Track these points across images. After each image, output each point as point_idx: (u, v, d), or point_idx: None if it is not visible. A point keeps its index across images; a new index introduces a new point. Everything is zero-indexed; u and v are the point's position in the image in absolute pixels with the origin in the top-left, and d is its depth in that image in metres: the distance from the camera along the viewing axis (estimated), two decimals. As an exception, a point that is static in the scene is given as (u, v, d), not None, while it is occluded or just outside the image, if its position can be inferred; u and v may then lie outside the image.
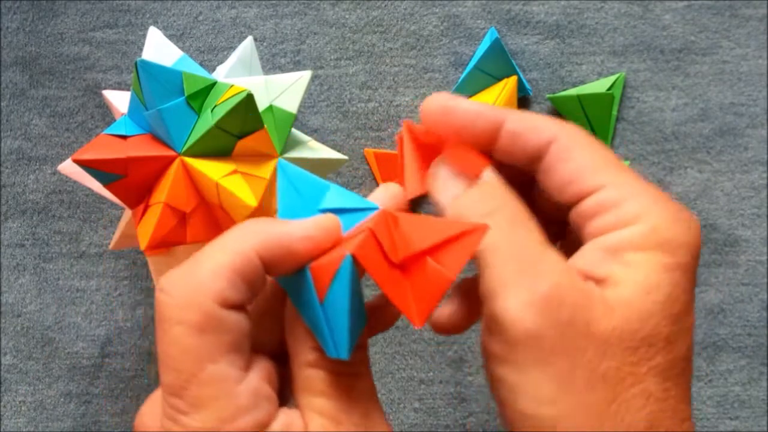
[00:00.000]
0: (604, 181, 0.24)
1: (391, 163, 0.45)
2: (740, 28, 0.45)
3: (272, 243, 0.24)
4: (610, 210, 0.24)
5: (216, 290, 0.23)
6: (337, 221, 0.25)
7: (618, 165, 0.25)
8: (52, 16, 0.46)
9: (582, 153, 0.25)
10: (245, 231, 0.24)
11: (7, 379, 0.46)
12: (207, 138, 0.33)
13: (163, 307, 0.23)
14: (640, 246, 0.24)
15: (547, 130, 0.25)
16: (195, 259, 0.24)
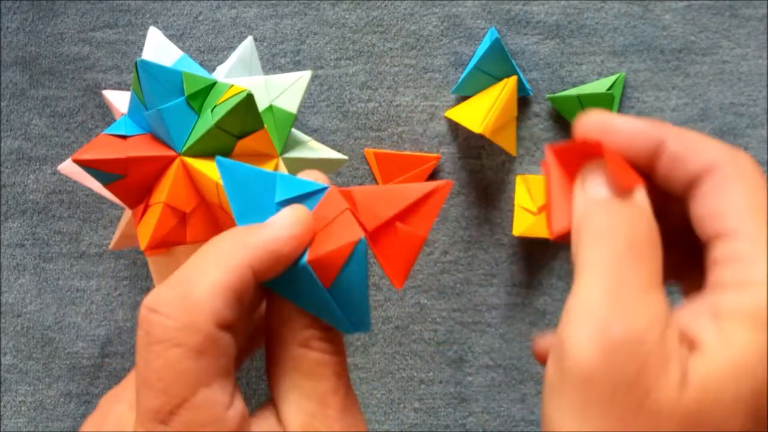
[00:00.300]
0: (743, 229, 0.21)
1: (391, 163, 0.45)
2: (740, 28, 0.45)
3: (264, 254, 0.23)
4: (736, 265, 0.21)
5: (215, 311, 0.22)
6: (308, 212, 0.25)
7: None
8: (52, 16, 0.46)
9: (736, 188, 0.22)
10: (234, 243, 0.23)
11: (7, 379, 0.46)
12: (207, 138, 0.33)
13: (157, 328, 0.22)
14: (746, 317, 0.20)
15: (710, 153, 0.23)
16: (186, 276, 0.23)
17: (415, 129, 0.46)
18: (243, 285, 0.23)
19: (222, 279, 0.22)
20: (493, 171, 0.46)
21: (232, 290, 0.22)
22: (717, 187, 0.22)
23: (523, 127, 0.46)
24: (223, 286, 0.22)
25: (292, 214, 0.24)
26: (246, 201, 0.25)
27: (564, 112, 0.45)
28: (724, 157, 0.23)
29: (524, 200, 0.44)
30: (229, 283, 0.22)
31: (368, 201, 0.25)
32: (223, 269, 0.22)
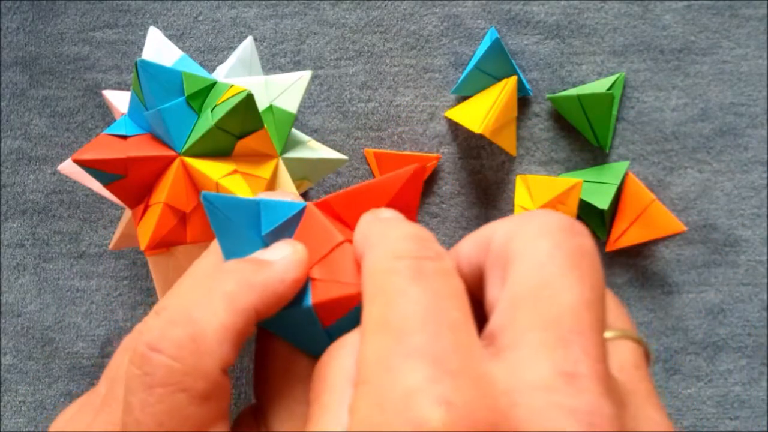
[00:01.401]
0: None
1: (391, 163, 0.45)
2: (740, 28, 0.45)
3: (268, 295, 0.22)
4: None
5: (222, 356, 0.21)
6: (305, 251, 0.24)
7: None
8: (52, 16, 0.46)
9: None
10: (238, 283, 0.22)
11: (7, 379, 0.46)
12: (207, 138, 0.33)
13: (161, 370, 0.20)
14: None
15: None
16: (192, 314, 0.21)
17: (415, 129, 0.46)
18: (248, 327, 0.22)
19: (230, 321, 0.21)
20: (493, 171, 0.46)
21: (238, 333, 0.21)
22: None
23: (523, 127, 0.46)
24: (231, 329, 0.21)
25: (293, 253, 0.23)
26: (233, 236, 0.24)
27: (564, 113, 0.45)
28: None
29: (524, 200, 0.44)
30: (236, 325, 0.21)
31: (349, 206, 0.24)
32: (231, 311, 0.21)
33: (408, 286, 0.19)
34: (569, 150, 0.46)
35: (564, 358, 0.17)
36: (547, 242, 0.19)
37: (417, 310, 0.18)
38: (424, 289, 0.19)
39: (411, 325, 0.18)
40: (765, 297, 0.45)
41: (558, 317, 0.18)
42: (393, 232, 0.21)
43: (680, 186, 0.45)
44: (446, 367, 0.17)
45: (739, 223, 0.45)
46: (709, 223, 0.45)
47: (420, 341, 0.18)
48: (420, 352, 0.18)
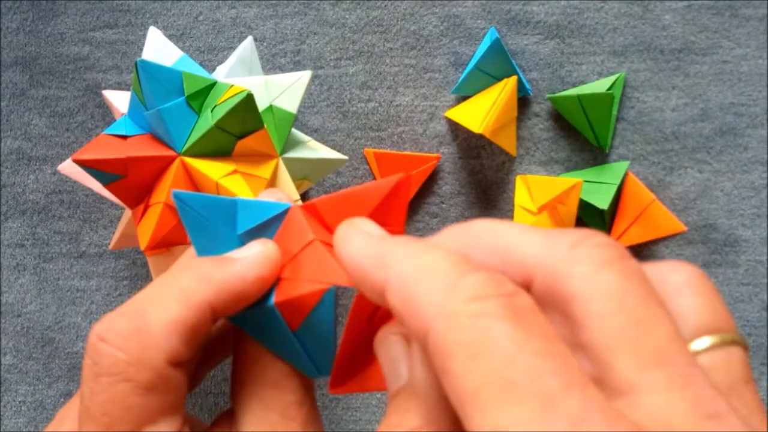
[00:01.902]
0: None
1: (391, 163, 0.45)
2: (740, 28, 0.45)
3: (227, 292, 0.22)
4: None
5: (169, 349, 0.21)
6: (277, 249, 0.23)
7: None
8: (52, 16, 0.46)
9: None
10: (195, 278, 0.22)
11: (7, 379, 0.46)
12: (207, 138, 0.33)
13: (106, 359, 0.21)
14: None
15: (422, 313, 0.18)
16: (143, 307, 0.22)
17: (415, 129, 0.46)
18: (201, 322, 0.22)
19: (180, 315, 0.21)
20: (493, 171, 0.46)
21: (189, 327, 0.21)
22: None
23: (523, 127, 0.46)
24: (181, 322, 0.21)
25: (261, 252, 0.23)
26: (207, 234, 0.24)
27: (564, 113, 0.45)
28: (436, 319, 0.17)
29: (524, 200, 0.44)
30: (188, 320, 0.21)
31: (334, 211, 0.24)
32: (183, 305, 0.22)
33: (516, 333, 0.16)
34: (569, 150, 0.46)
35: (699, 398, 0.16)
36: (614, 275, 0.17)
37: (546, 365, 0.16)
38: (534, 335, 0.16)
39: (552, 387, 0.15)
40: (765, 297, 0.45)
41: (666, 353, 0.16)
42: (437, 259, 0.18)
43: (680, 186, 0.45)
44: (619, 428, 0.15)
45: (739, 223, 0.45)
46: (709, 223, 0.45)
47: (575, 406, 0.15)
48: (583, 419, 0.15)
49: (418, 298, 0.18)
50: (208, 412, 0.46)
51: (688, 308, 0.19)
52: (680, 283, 0.20)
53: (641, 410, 0.16)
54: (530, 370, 0.16)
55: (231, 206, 0.24)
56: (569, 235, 0.18)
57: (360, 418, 0.46)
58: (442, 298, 0.17)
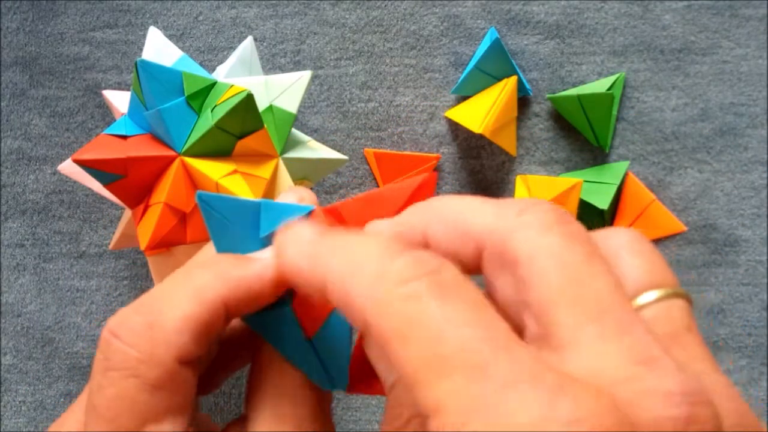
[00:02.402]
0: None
1: (391, 163, 0.45)
2: (740, 28, 0.45)
3: (242, 291, 0.22)
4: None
5: (180, 346, 0.21)
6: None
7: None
8: (52, 16, 0.46)
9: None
10: (212, 276, 0.22)
11: (7, 379, 0.46)
12: (207, 138, 0.33)
13: (116, 355, 0.21)
14: None
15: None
16: (156, 303, 0.21)
17: (415, 129, 0.46)
18: (214, 320, 0.21)
19: (193, 312, 0.21)
20: (493, 171, 0.46)
21: (201, 324, 0.21)
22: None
23: (523, 127, 0.46)
24: (193, 319, 0.21)
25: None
26: (229, 237, 0.23)
27: (564, 113, 0.45)
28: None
29: (524, 200, 0.44)
30: (200, 317, 0.21)
31: (358, 214, 0.24)
32: (196, 302, 0.21)
33: (443, 309, 0.17)
34: (569, 150, 0.46)
35: (634, 345, 0.17)
36: (556, 237, 0.18)
37: (474, 335, 0.16)
38: (461, 307, 0.17)
39: (481, 355, 0.16)
40: (765, 297, 0.45)
41: (604, 306, 0.17)
42: (367, 250, 0.19)
43: (680, 186, 0.45)
44: (548, 385, 0.16)
45: (739, 223, 0.45)
46: (709, 223, 0.45)
47: (504, 369, 0.16)
48: (512, 381, 0.16)
49: (353, 292, 0.18)
50: (208, 411, 0.46)
51: (630, 267, 0.20)
52: (622, 245, 0.21)
53: (577, 363, 0.17)
54: (459, 342, 0.16)
55: (255, 208, 0.24)
56: (517, 203, 0.20)
57: (360, 418, 0.46)
58: (372, 288, 0.18)
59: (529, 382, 0.16)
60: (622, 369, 0.16)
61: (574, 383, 0.16)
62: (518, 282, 0.18)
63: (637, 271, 0.20)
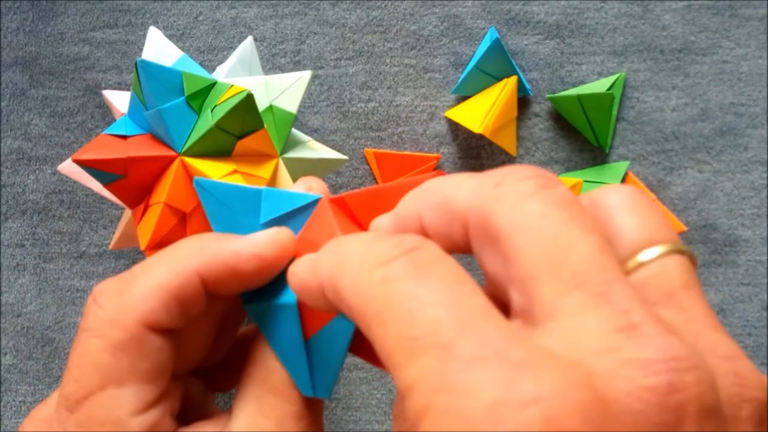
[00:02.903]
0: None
1: (391, 163, 0.45)
2: (740, 28, 0.45)
3: (217, 263, 0.22)
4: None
5: (145, 311, 0.21)
6: (290, 234, 0.23)
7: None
8: (52, 16, 0.46)
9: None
10: (190, 248, 0.22)
11: (7, 379, 0.46)
12: (207, 138, 0.33)
13: (89, 317, 0.22)
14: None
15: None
16: (134, 271, 0.22)
17: (415, 129, 0.46)
18: (186, 290, 0.22)
19: (163, 280, 0.22)
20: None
21: (172, 293, 0.22)
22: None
23: (523, 127, 0.46)
24: (163, 287, 0.22)
25: (267, 234, 0.23)
26: (228, 223, 0.24)
27: (564, 113, 0.45)
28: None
29: (524, 200, 0.44)
30: (170, 285, 0.22)
31: (364, 206, 0.24)
32: (169, 271, 0.22)
33: (416, 289, 0.17)
34: (569, 150, 0.46)
35: (613, 313, 0.16)
36: (534, 204, 0.18)
37: (443, 314, 0.16)
38: (434, 286, 0.17)
39: (448, 335, 0.16)
40: (765, 297, 0.45)
41: (584, 274, 0.17)
42: (354, 241, 0.19)
43: (680, 186, 0.45)
44: (512, 362, 0.15)
45: (739, 223, 0.45)
46: (709, 223, 0.45)
47: (469, 348, 0.16)
48: (476, 359, 0.15)
49: (340, 282, 0.18)
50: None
51: (625, 226, 0.20)
52: (617, 204, 0.20)
53: (558, 336, 0.16)
54: (429, 323, 0.16)
55: (255, 195, 0.24)
56: (495, 174, 0.19)
57: (360, 418, 0.46)
58: (355, 276, 0.18)
59: (493, 360, 0.15)
60: (603, 339, 0.16)
61: (541, 359, 0.15)
62: (502, 257, 0.18)
63: (633, 230, 0.19)
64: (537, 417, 0.14)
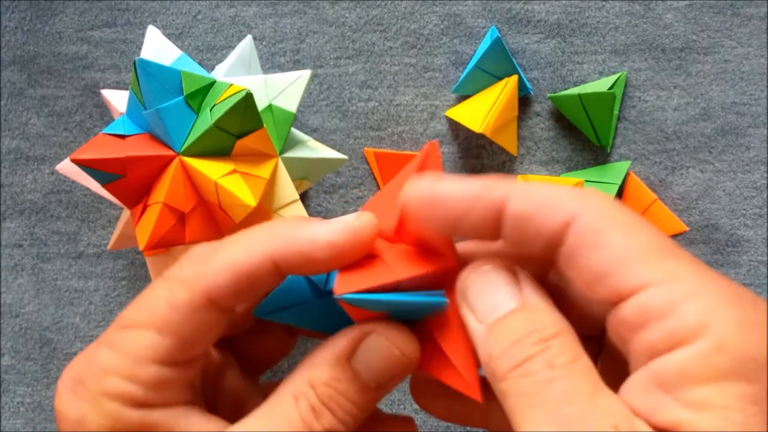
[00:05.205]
0: (650, 276, 0.19)
1: (391, 163, 0.45)
2: (742, 27, 0.45)
3: (292, 249, 0.22)
4: (661, 319, 0.18)
5: (212, 284, 0.22)
6: (368, 222, 0.23)
7: (667, 250, 0.19)
8: (50, 15, 0.46)
9: (616, 235, 0.19)
10: (267, 232, 0.23)
11: (5, 380, 0.46)
12: (206, 137, 0.33)
13: (173, 270, 0.23)
14: (706, 376, 0.17)
15: (564, 206, 0.20)
16: (219, 244, 0.23)
17: (415, 128, 0.45)
18: (258, 272, 0.22)
19: (238, 260, 0.22)
20: (493, 171, 0.46)
21: (243, 274, 0.22)
22: (590, 242, 0.19)
23: (523, 127, 0.45)
24: (236, 266, 0.22)
25: (347, 221, 0.22)
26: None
27: (565, 112, 0.45)
28: (580, 205, 0.20)
29: (525, 200, 0.43)
30: (243, 265, 0.22)
31: (379, 206, 0.24)
32: (244, 252, 0.22)
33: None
34: (570, 150, 0.45)
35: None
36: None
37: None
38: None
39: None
40: (767, 297, 0.45)
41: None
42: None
43: (682, 186, 0.45)
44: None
45: (741, 223, 0.45)
46: (710, 223, 0.45)
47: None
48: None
49: (556, 196, 0.20)
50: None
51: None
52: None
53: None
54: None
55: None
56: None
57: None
58: (578, 197, 0.20)
59: None
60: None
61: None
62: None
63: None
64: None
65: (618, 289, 0.19)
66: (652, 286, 0.19)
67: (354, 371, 0.22)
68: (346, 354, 0.22)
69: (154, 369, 0.22)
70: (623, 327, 0.19)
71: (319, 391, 0.22)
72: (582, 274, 0.20)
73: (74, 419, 0.22)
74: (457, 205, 0.21)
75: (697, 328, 0.18)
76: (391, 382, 0.22)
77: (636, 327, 0.19)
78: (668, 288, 0.19)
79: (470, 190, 0.21)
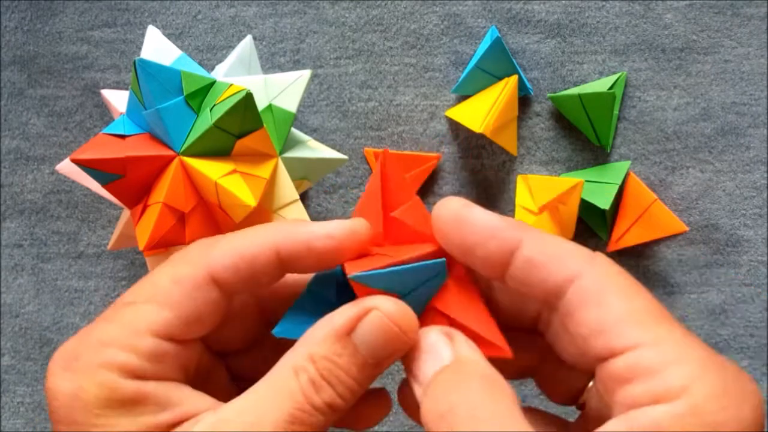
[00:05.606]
0: (641, 339, 0.21)
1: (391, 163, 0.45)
2: (742, 27, 0.45)
3: (293, 239, 0.24)
4: (647, 378, 0.20)
5: (214, 263, 0.24)
6: (363, 224, 0.25)
7: (660, 316, 0.21)
8: (50, 15, 0.46)
9: (616, 297, 0.21)
10: (271, 226, 0.25)
11: (5, 380, 0.46)
12: (206, 137, 0.33)
13: (181, 251, 0.25)
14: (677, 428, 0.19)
15: (572, 263, 0.22)
16: (236, 233, 0.25)
17: (415, 128, 0.45)
18: (260, 259, 0.24)
19: (241, 245, 0.24)
20: (493, 171, 0.45)
21: (246, 258, 0.23)
22: (589, 300, 0.21)
23: (523, 127, 0.45)
24: (239, 251, 0.24)
25: (342, 221, 0.24)
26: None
27: (565, 112, 0.45)
28: (586, 265, 0.22)
29: (525, 200, 0.43)
30: (245, 250, 0.24)
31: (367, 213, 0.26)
32: (248, 239, 0.24)
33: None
34: (570, 149, 0.45)
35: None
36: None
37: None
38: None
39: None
40: (767, 297, 0.45)
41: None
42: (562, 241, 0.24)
43: (682, 186, 0.45)
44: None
45: (741, 223, 0.45)
46: (710, 223, 0.45)
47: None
48: None
49: (567, 251, 0.22)
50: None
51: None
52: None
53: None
54: None
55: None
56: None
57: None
58: (587, 258, 0.22)
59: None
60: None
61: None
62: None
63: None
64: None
65: (611, 345, 0.21)
66: (643, 346, 0.21)
67: (354, 347, 0.23)
68: (346, 330, 0.23)
69: (152, 341, 0.23)
70: (611, 379, 0.21)
71: (320, 365, 0.22)
72: (579, 327, 0.22)
73: (69, 393, 0.22)
74: (477, 232, 0.23)
75: (678, 391, 0.20)
76: (389, 359, 0.23)
77: (623, 381, 0.21)
78: (657, 350, 0.20)
79: (491, 223, 0.23)
